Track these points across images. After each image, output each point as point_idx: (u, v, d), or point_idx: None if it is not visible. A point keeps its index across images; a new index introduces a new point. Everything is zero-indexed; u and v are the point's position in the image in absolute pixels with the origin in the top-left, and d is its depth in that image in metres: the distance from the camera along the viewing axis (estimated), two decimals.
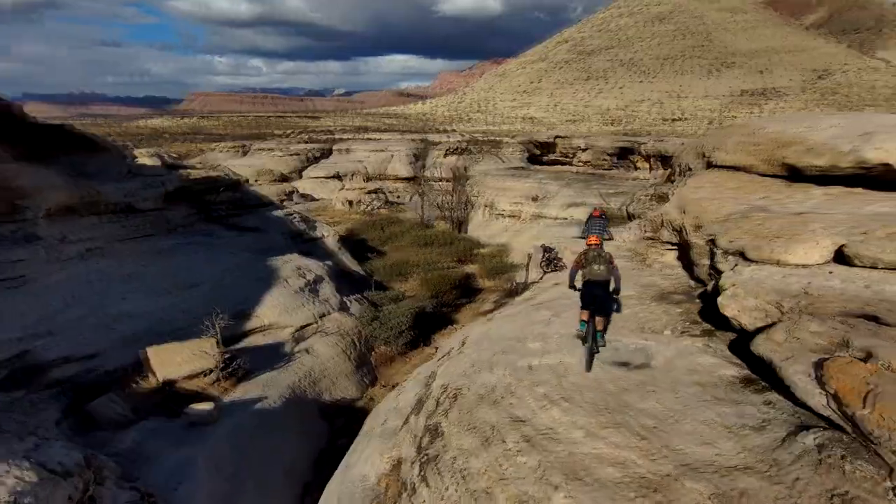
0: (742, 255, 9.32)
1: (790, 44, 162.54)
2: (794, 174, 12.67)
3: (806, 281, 7.65)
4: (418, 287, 22.40)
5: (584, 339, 7.69)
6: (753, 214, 10.60)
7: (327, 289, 17.34)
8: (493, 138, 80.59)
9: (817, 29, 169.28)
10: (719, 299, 7.93)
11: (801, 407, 5.45)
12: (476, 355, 8.91)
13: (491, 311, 18.35)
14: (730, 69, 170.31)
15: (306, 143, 62.98)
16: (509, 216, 33.69)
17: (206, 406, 10.87)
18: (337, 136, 73.15)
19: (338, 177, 47.12)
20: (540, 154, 39.18)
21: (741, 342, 7.39)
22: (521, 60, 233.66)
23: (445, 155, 51.01)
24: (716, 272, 10.21)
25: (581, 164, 37.14)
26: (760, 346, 6.46)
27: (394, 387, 13.09)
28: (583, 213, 31.34)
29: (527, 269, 19.55)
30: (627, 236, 16.57)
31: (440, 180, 39.71)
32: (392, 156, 52.67)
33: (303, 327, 15.46)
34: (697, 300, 10.57)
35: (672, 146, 29.53)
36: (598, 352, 7.64)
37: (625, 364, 7.44)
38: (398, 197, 42.77)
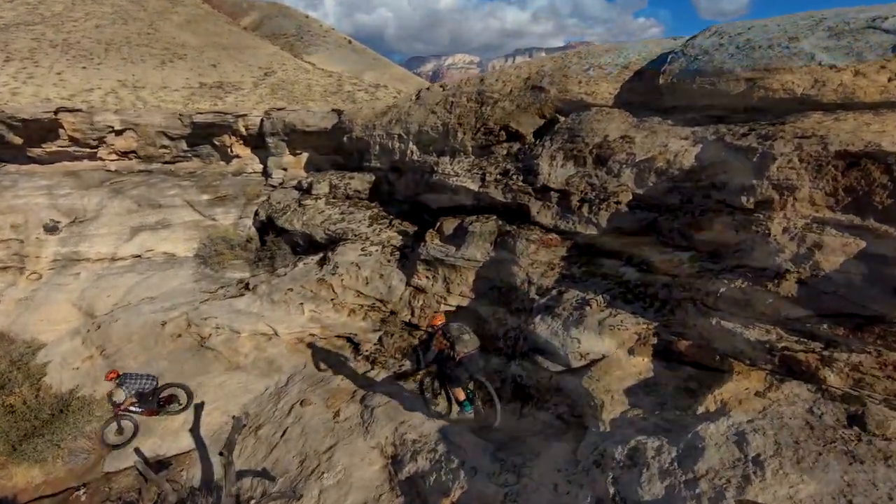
0: None
1: (235, 42, 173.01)
2: None
3: None
4: None
5: None
6: None
7: None
8: None
9: (253, 31, 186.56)
10: None
11: None
12: None
13: None
14: (183, 61, 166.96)
15: None
16: None
17: None
18: None
19: None
20: (24, 144, 22.75)
21: None
22: None
23: None
24: None
25: (118, 156, 23.29)
26: None
27: None
28: (175, 244, 17.13)
29: (228, 463, 7.61)
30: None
31: None
32: None
33: None
34: None
35: (316, 118, 15.83)
36: None
37: None
38: None
